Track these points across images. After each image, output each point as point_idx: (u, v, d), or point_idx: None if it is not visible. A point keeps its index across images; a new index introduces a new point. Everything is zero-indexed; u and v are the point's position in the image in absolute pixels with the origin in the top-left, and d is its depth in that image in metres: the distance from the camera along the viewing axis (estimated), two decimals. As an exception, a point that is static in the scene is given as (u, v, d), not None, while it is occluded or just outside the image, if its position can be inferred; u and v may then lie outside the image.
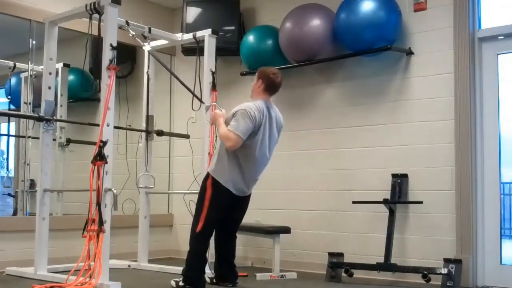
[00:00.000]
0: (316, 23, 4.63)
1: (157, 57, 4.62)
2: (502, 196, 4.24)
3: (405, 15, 4.48)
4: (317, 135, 4.96)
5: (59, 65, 5.21)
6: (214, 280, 4.06)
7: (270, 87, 3.92)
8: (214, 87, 4.55)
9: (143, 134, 5.03)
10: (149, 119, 5.01)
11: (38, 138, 4.46)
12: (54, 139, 4.93)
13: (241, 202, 3.95)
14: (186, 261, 3.83)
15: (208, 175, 3.85)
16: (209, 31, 4.63)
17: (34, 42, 5.07)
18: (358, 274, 4.33)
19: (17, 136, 5.51)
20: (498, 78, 4.21)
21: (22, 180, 5.21)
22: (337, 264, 4.33)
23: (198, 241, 3.80)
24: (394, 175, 4.44)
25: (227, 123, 3.78)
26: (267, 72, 3.91)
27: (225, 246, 4.04)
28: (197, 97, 4.46)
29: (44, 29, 4.39)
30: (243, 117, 3.71)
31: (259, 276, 4.42)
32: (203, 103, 4.47)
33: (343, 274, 4.30)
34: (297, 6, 4.84)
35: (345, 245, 4.60)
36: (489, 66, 4.23)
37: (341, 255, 4.39)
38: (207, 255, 3.89)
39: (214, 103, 4.37)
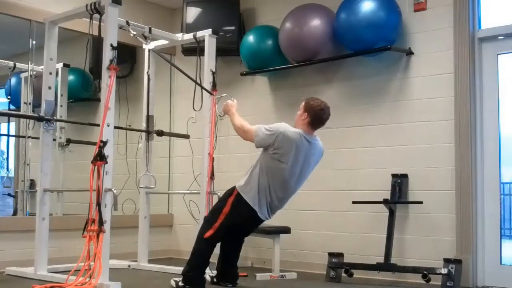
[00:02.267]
0: (316, 23, 4.63)
1: (160, 54, 4.61)
2: (502, 196, 4.24)
3: (405, 15, 4.48)
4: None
5: (59, 65, 5.21)
6: (215, 279, 4.05)
7: (316, 122, 3.82)
8: (214, 87, 4.55)
9: (143, 134, 5.03)
10: (149, 119, 5.01)
11: (38, 138, 4.46)
12: (54, 139, 4.93)
13: (257, 222, 3.92)
14: (188, 262, 3.83)
15: (233, 189, 3.81)
16: (209, 31, 4.63)
17: (34, 42, 5.07)
18: (358, 274, 4.33)
19: (17, 136, 5.51)
20: (498, 78, 4.21)
21: (22, 180, 5.21)
22: (337, 264, 4.33)
23: (204, 246, 3.79)
24: (394, 175, 4.44)
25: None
26: (314, 107, 3.80)
27: (231, 249, 4.03)
28: (205, 89, 4.45)
29: (44, 29, 4.39)
30: (271, 132, 3.69)
31: (259, 276, 4.43)
32: (212, 94, 4.46)
33: (343, 274, 4.30)
34: (297, 6, 4.84)
35: (345, 245, 4.60)
36: (489, 66, 4.23)
37: (341, 255, 4.39)
38: (210, 258, 3.88)
39: (224, 95, 4.36)
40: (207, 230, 3.76)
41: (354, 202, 4.53)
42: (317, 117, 3.81)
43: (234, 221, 3.79)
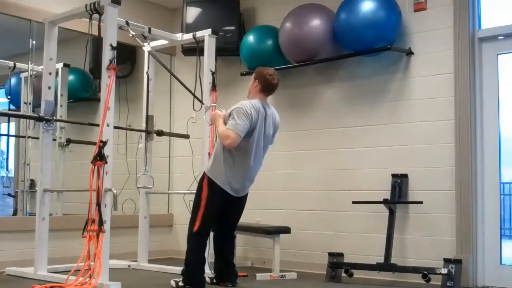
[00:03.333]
0: (316, 23, 4.63)
1: (156, 57, 4.62)
2: (502, 196, 4.24)
3: (405, 15, 4.48)
4: (317, 135, 4.96)
5: (59, 65, 5.22)
6: (214, 280, 4.06)
7: (267, 88, 3.93)
8: (214, 87, 4.56)
9: (143, 134, 5.03)
10: (149, 119, 5.01)
11: (38, 138, 4.46)
12: (54, 139, 4.94)
13: (238, 202, 3.95)
14: (185, 261, 3.84)
15: (204, 175, 3.87)
16: (209, 31, 4.63)
17: (34, 42, 5.07)
18: (358, 274, 4.33)
19: (17, 136, 5.52)
20: (498, 78, 4.20)
21: (22, 180, 5.22)
22: (337, 264, 4.33)
23: (195, 240, 3.81)
24: (394, 175, 4.44)
25: (224, 122, 3.79)
26: (264, 73, 3.92)
27: (224, 246, 4.04)
28: (196, 98, 4.46)
29: (44, 29, 4.39)
30: (239, 115, 3.71)
31: (259, 276, 4.43)
32: (203, 103, 4.47)
33: (343, 274, 4.30)
34: (297, 6, 4.84)
35: (345, 245, 4.60)
36: (489, 66, 4.23)
37: (341, 255, 4.39)
38: (206, 254, 3.89)
39: (214, 104, 4.37)
40: (194, 224, 3.79)
41: (354, 202, 4.53)
42: (267, 83, 3.91)
43: (215, 204, 3.80)
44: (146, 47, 4.68)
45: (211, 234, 4.00)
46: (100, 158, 3.63)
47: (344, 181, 4.75)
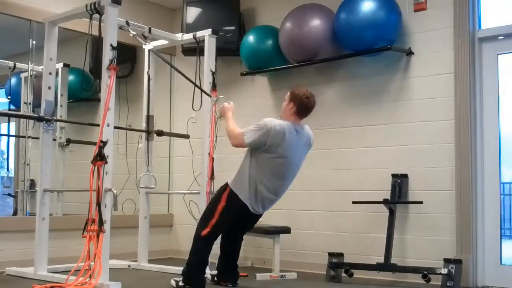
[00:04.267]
0: (316, 23, 4.63)
1: (159, 54, 4.62)
2: (502, 196, 4.25)
3: (405, 15, 4.48)
4: (317, 135, 4.92)
5: (59, 65, 5.21)
6: (215, 278, 4.05)
7: (302, 111, 3.82)
8: (214, 87, 4.56)
9: (143, 134, 5.03)
10: (149, 119, 5.01)
11: (38, 138, 4.46)
12: (54, 139, 4.93)
13: (254, 217, 3.92)
14: (187, 261, 3.83)
15: (226, 186, 3.81)
16: (209, 31, 4.63)
17: (34, 42, 5.07)
18: (358, 274, 4.33)
19: (17, 136, 5.52)
20: (498, 78, 4.21)
21: (22, 180, 5.22)
22: (337, 264, 4.33)
23: (201, 244, 3.79)
24: (394, 175, 4.44)
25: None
26: (300, 95, 3.79)
27: (230, 248, 4.03)
28: (203, 91, 4.46)
29: (44, 29, 4.39)
30: (259, 130, 3.67)
31: (259, 276, 4.43)
32: (210, 96, 4.46)
33: (343, 274, 4.30)
34: (297, 6, 4.84)
35: (345, 245, 4.60)
36: (489, 66, 4.23)
37: (341, 255, 4.39)
38: (209, 257, 3.88)
39: (221, 96, 4.36)
40: (203, 228, 3.76)
41: (354, 202, 4.53)
42: (303, 105, 3.81)
43: (229, 217, 3.79)
44: (148, 46, 4.68)
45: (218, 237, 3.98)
46: (100, 158, 3.63)
47: (344, 181, 4.75)
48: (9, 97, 5.41)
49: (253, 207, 3.76)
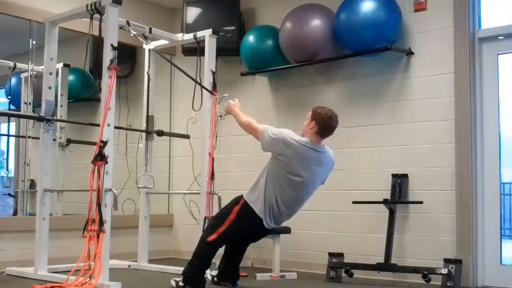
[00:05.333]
0: (316, 23, 4.63)
1: (161, 53, 4.61)
2: (502, 196, 4.24)
3: (405, 15, 4.48)
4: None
5: (59, 65, 5.21)
6: (215, 279, 4.05)
7: (324, 131, 3.75)
8: (214, 87, 4.56)
9: (143, 134, 5.03)
10: (149, 119, 5.01)
11: (38, 138, 4.46)
12: (54, 139, 4.93)
13: (263, 232, 3.91)
14: (189, 262, 3.82)
15: (240, 198, 3.79)
16: (209, 31, 4.63)
17: (34, 42, 5.06)
18: (358, 274, 4.33)
19: (17, 136, 5.51)
20: (498, 78, 4.21)
21: (22, 180, 5.21)
22: (337, 264, 4.33)
23: (207, 249, 3.77)
24: (394, 175, 4.44)
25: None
26: (322, 115, 3.72)
27: (235, 251, 4.02)
28: (206, 89, 4.46)
29: (44, 29, 4.39)
30: (276, 137, 3.66)
31: (259, 276, 4.43)
32: (214, 94, 4.46)
33: (343, 274, 4.30)
34: (297, 6, 4.84)
35: (345, 245, 4.60)
36: (489, 66, 4.23)
37: (341, 255, 4.39)
38: (211, 260, 3.87)
39: (226, 94, 4.35)
40: (210, 234, 3.74)
41: (354, 202, 4.53)
42: (325, 125, 3.74)
43: (238, 229, 3.77)
44: (149, 45, 4.67)
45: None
46: (100, 158, 3.62)
47: (344, 181, 4.75)
48: (9, 97, 5.41)
49: (267, 221, 3.74)
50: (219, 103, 4.45)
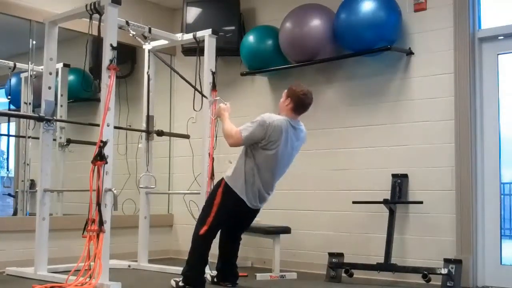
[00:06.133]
0: (316, 23, 4.63)
1: (158, 55, 4.62)
2: (502, 196, 4.24)
3: (405, 15, 4.48)
4: (317, 135, 4.96)
5: (59, 65, 5.21)
6: (215, 280, 4.06)
7: (299, 107, 3.85)
8: (214, 87, 4.56)
9: (143, 134, 5.03)
10: (149, 119, 5.01)
11: (38, 138, 4.46)
12: (54, 139, 4.93)
13: (251, 213, 3.93)
14: (187, 261, 3.84)
15: (221, 181, 3.83)
16: (209, 31, 4.63)
17: (34, 42, 5.07)
18: (358, 274, 4.33)
19: (17, 136, 5.51)
20: (498, 78, 4.20)
21: (22, 180, 5.21)
22: (337, 264, 4.33)
23: (200, 243, 3.79)
24: (394, 175, 4.44)
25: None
26: (297, 92, 3.82)
27: (228, 247, 4.04)
28: (200, 92, 4.47)
29: (44, 29, 4.39)
30: (257, 125, 3.70)
31: (259, 276, 4.43)
32: (207, 98, 4.46)
33: (343, 274, 4.30)
34: (297, 6, 4.84)
35: (345, 245, 4.60)
36: (489, 66, 4.23)
37: (341, 255, 4.39)
38: (208, 256, 3.88)
39: (217, 98, 4.36)
40: (201, 227, 3.77)
41: (354, 202, 4.53)
42: (300, 102, 3.84)
43: (226, 213, 3.79)
44: (148, 46, 4.68)
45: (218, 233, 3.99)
46: (100, 158, 3.63)
47: (344, 181, 4.75)
48: (9, 97, 5.41)
49: (250, 201, 3.78)
50: (211, 106, 4.43)
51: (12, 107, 5.41)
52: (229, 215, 3.83)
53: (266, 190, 3.84)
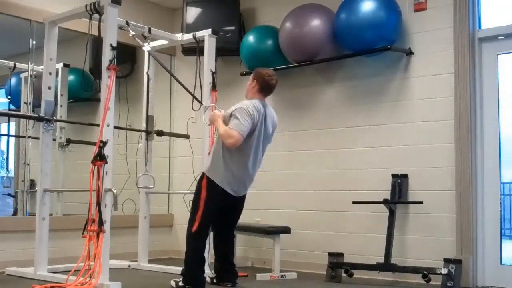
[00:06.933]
0: (316, 23, 4.63)
1: (156, 57, 4.63)
2: (502, 196, 4.24)
3: (405, 15, 4.48)
4: (317, 135, 4.96)
5: (59, 65, 5.21)
6: (215, 280, 4.06)
7: (265, 88, 3.93)
8: (214, 87, 4.56)
9: (143, 134, 5.03)
10: (149, 119, 5.02)
11: (38, 138, 4.46)
12: (54, 139, 4.93)
13: (236, 202, 3.95)
14: (184, 262, 3.85)
15: (203, 175, 3.86)
16: (209, 31, 4.63)
17: (34, 42, 5.07)
18: (358, 274, 4.33)
19: (17, 136, 5.51)
20: (498, 78, 4.20)
21: (22, 180, 5.21)
22: (337, 264, 4.33)
23: (194, 241, 3.81)
24: (394, 175, 4.44)
25: (225, 123, 3.78)
26: (262, 74, 3.93)
27: (223, 246, 4.04)
28: (195, 98, 4.46)
29: (44, 29, 4.39)
30: (242, 115, 3.71)
31: (259, 276, 4.43)
32: (202, 103, 4.46)
33: (343, 274, 4.30)
34: (297, 6, 4.84)
35: (345, 245, 4.60)
36: (489, 66, 4.23)
37: (341, 255, 4.39)
38: (205, 254, 3.89)
39: (212, 104, 4.36)
40: (193, 224, 3.79)
41: (354, 202, 4.53)
42: (265, 83, 3.91)
43: (214, 205, 3.80)
44: (146, 47, 4.68)
45: (211, 234, 4.01)
46: (100, 158, 3.63)
47: (344, 181, 4.75)
48: (9, 97, 5.41)
49: (233, 189, 3.80)
50: (205, 112, 4.40)
51: (12, 107, 5.42)
52: (216, 207, 3.84)
53: (246, 175, 3.86)
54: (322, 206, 4.87)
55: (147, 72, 5.04)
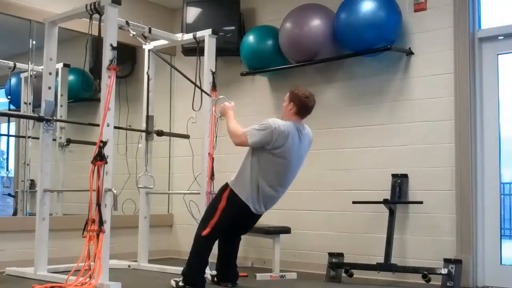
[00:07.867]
0: (316, 23, 4.63)
1: (159, 54, 4.62)
2: (502, 196, 4.25)
3: (405, 15, 4.48)
4: (317, 135, 4.93)
5: (59, 65, 5.21)
6: (215, 279, 4.06)
7: (303, 111, 3.83)
8: (214, 87, 4.56)
9: (143, 134, 5.03)
10: (149, 119, 5.01)
11: (38, 138, 4.46)
12: (54, 139, 4.93)
13: (254, 218, 3.92)
14: (187, 261, 3.83)
15: (226, 186, 3.82)
16: (209, 31, 4.63)
17: (34, 42, 5.07)
18: (358, 274, 4.33)
19: (17, 136, 5.51)
20: (498, 78, 4.21)
21: (22, 180, 5.21)
22: (337, 264, 4.33)
23: (202, 244, 3.79)
24: (394, 175, 4.44)
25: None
26: (299, 95, 3.80)
27: (228, 247, 4.03)
28: (203, 90, 4.46)
29: (44, 29, 4.39)
30: (264, 129, 3.67)
31: (259, 276, 4.43)
32: (210, 96, 4.46)
33: (343, 274, 4.30)
34: (297, 6, 4.84)
35: (345, 245, 4.60)
36: (489, 66, 4.23)
37: (341, 255, 4.39)
38: (209, 257, 3.88)
39: (222, 96, 4.35)
40: (204, 228, 3.76)
41: (354, 202, 4.53)
42: (303, 105, 3.81)
43: (230, 217, 3.78)
44: (148, 45, 4.68)
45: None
46: (100, 158, 3.63)
47: (344, 181, 4.75)
48: (9, 97, 5.41)
49: (255, 207, 3.77)
50: (215, 104, 4.43)
51: (12, 107, 5.41)
52: (232, 219, 3.82)
53: (272, 195, 3.81)
54: (322, 206, 4.87)
55: (147, 72, 5.04)
